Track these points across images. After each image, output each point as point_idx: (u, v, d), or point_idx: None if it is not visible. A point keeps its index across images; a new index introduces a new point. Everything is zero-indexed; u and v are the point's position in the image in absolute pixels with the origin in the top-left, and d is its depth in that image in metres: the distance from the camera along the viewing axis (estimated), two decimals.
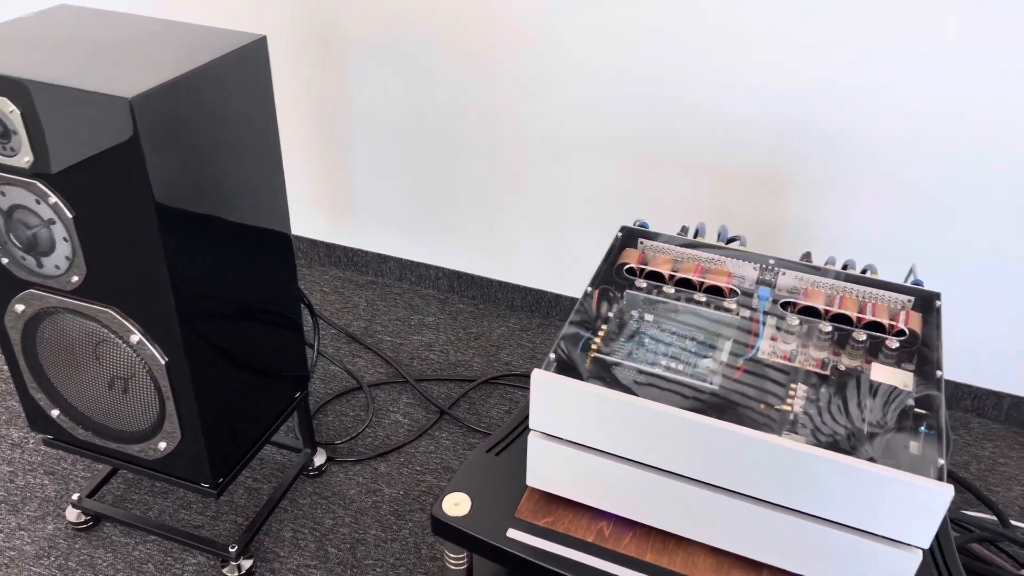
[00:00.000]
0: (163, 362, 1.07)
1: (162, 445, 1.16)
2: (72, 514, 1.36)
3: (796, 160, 1.51)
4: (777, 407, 0.85)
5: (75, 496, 1.37)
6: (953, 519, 1.40)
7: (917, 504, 0.74)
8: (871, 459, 0.77)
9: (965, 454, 1.59)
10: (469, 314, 1.91)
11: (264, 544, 1.36)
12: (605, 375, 0.87)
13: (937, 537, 0.90)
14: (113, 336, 1.08)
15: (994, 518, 1.45)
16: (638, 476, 0.86)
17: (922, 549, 0.77)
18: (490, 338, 1.84)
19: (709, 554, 0.88)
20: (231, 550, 1.29)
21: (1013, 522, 1.46)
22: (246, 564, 1.30)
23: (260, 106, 1.11)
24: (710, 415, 0.81)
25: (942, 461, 0.76)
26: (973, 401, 1.67)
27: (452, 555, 0.95)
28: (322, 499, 1.44)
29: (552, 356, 0.88)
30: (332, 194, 1.93)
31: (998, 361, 1.61)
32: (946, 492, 0.72)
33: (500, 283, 1.91)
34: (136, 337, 1.07)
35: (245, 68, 1.06)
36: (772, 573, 0.86)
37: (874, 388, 0.87)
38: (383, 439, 1.57)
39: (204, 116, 1.01)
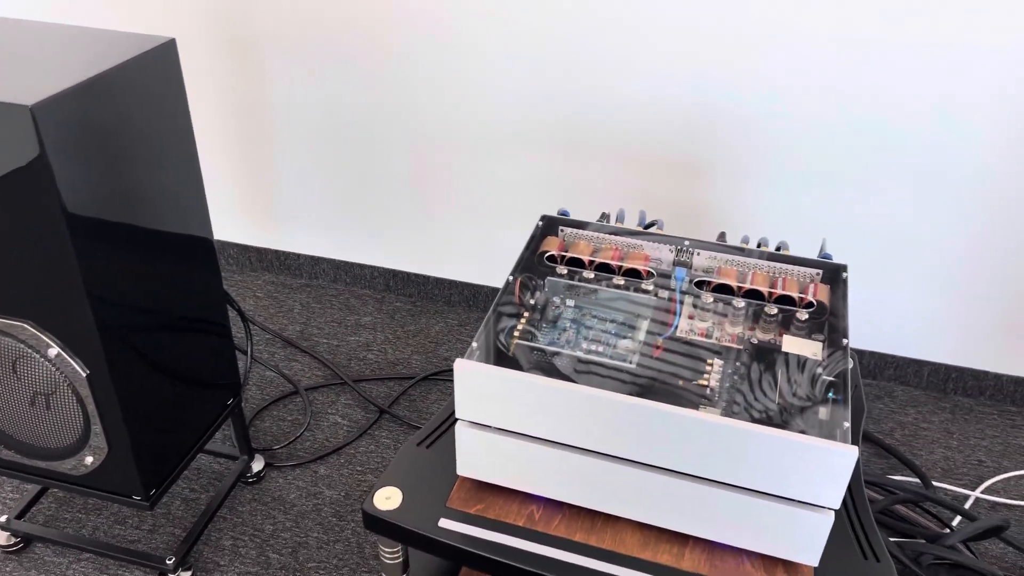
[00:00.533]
0: (84, 375, 1.05)
1: (89, 460, 1.14)
2: (1, 537, 1.33)
3: (710, 145, 1.55)
4: (695, 382, 0.88)
5: (2, 518, 1.33)
6: (880, 483, 1.46)
7: (826, 466, 0.77)
8: (783, 427, 0.80)
9: (890, 421, 1.66)
10: (407, 312, 1.92)
11: (204, 554, 1.34)
12: (528, 361, 0.88)
13: (852, 499, 0.94)
14: (30, 351, 1.06)
15: (918, 481, 1.51)
16: (564, 458, 0.87)
17: (833, 509, 0.80)
18: (428, 335, 1.85)
19: (636, 530, 0.90)
20: (168, 562, 1.27)
21: (935, 483, 1.52)
22: (185, 575, 1.29)
23: (173, 110, 1.10)
24: (630, 394, 0.83)
25: (847, 424, 0.79)
26: (896, 370, 1.73)
27: (386, 549, 0.95)
28: (262, 505, 1.43)
29: (475, 345, 0.89)
30: (259, 198, 1.91)
31: (917, 331, 1.67)
32: (851, 453, 0.76)
33: (436, 279, 1.91)
34: (54, 351, 1.04)
35: (155, 71, 1.05)
36: (696, 544, 0.88)
37: (786, 359, 0.90)
38: (322, 442, 1.56)
39: (114, 122, 0.99)
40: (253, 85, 1.76)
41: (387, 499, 0.92)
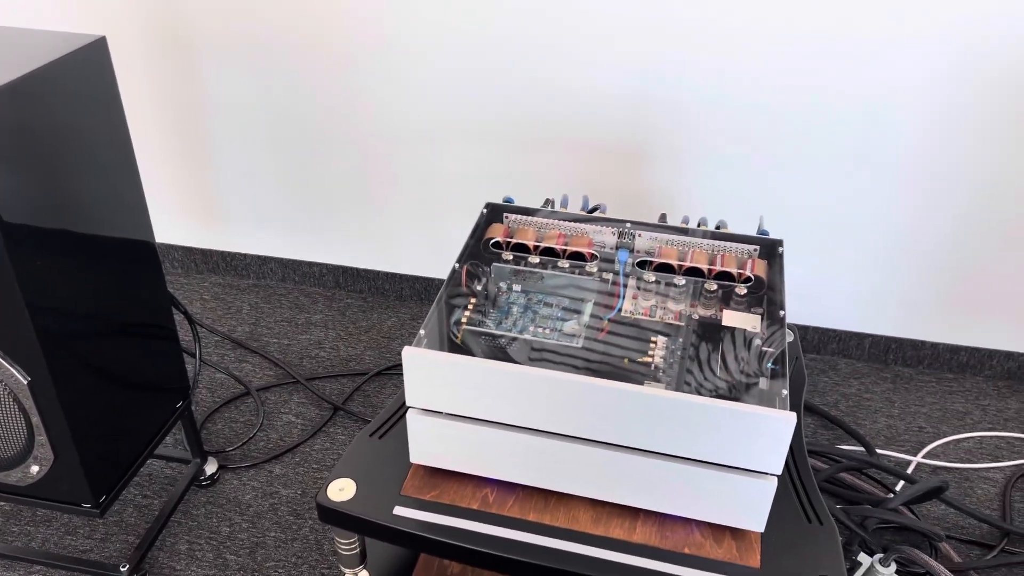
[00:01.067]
0: (25, 382, 1.03)
1: (35, 469, 1.12)
2: None
3: (651, 130, 1.58)
4: (640, 359, 0.89)
5: None
6: (826, 453, 1.50)
7: (766, 434, 0.80)
8: (724, 398, 0.83)
9: (834, 393, 1.71)
10: (358, 308, 1.91)
11: (159, 560, 1.33)
12: (476, 346, 0.89)
13: (796, 466, 0.97)
14: None
15: (863, 449, 1.56)
16: (515, 440, 0.89)
17: (776, 476, 0.82)
18: (381, 330, 1.85)
19: (589, 507, 0.92)
20: (122, 570, 1.25)
21: (879, 450, 1.57)
22: None
23: (107, 110, 1.08)
24: (577, 373, 0.85)
25: (786, 392, 0.82)
26: (839, 344, 1.78)
27: (342, 540, 0.96)
28: (217, 508, 1.42)
29: (422, 333, 0.89)
30: (202, 199, 1.89)
31: (858, 305, 1.72)
32: (789, 420, 0.78)
33: (387, 274, 1.91)
34: None
35: (85, 71, 1.03)
36: (647, 516, 0.90)
37: (726, 333, 0.93)
38: (276, 441, 1.55)
39: (44, 124, 0.97)
40: (190, 84, 1.73)
41: (341, 490, 0.93)
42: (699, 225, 1.12)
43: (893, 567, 1.21)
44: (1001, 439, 1.60)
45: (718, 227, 1.11)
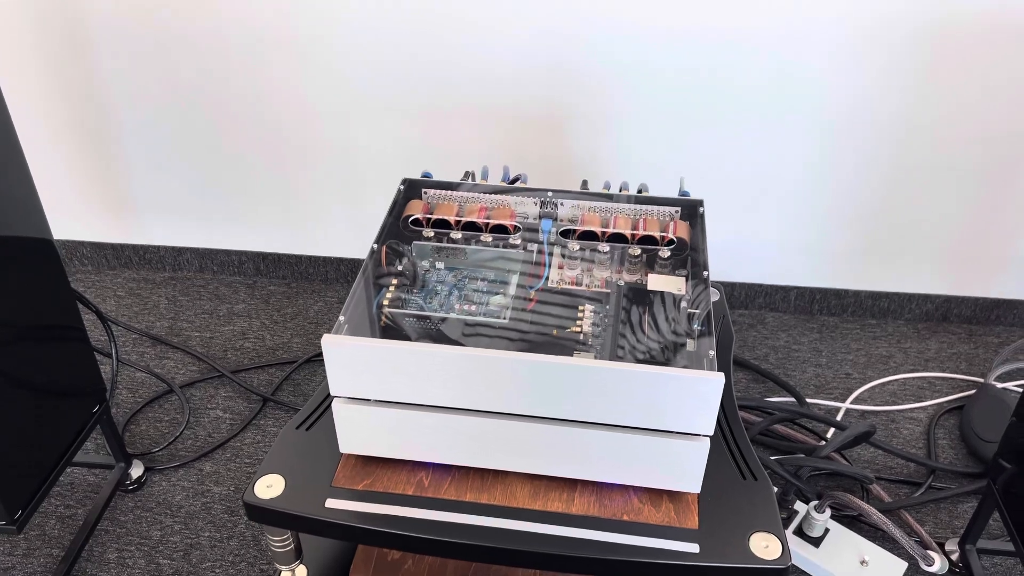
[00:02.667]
0: None
1: None
2: None
3: (569, 97, 1.56)
4: (568, 330, 0.88)
5: None
6: (758, 406, 1.53)
7: (696, 395, 0.79)
8: (653, 362, 0.82)
9: (763, 347, 1.73)
10: (282, 295, 1.85)
11: (87, 571, 1.27)
12: (400, 328, 0.87)
13: (728, 423, 0.97)
14: None
15: (794, 400, 1.59)
16: (446, 421, 0.86)
17: (708, 436, 0.82)
18: (307, 315, 1.80)
19: (526, 482, 0.90)
20: None
21: (809, 400, 1.61)
22: None
23: None
24: (504, 348, 0.83)
25: (713, 352, 0.82)
26: (765, 298, 1.81)
27: (274, 538, 0.93)
28: (146, 512, 1.36)
29: (342, 319, 0.86)
30: (107, 191, 1.79)
31: (781, 259, 1.75)
32: (718, 380, 0.78)
33: (309, 258, 1.86)
34: None
35: None
36: (585, 487, 0.90)
37: (652, 297, 0.92)
38: (204, 438, 1.50)
39: None
40: (84, 72, 1.63)
41: (268, 487, 0.89)
42: (621, 190, 1.11)
43: (828, 512, 1.25)
44: (923, 379, 1.65)
45: (640, 191, 1.10)
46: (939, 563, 1.20)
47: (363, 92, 1.60)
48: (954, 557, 1.30)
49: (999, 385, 1.61)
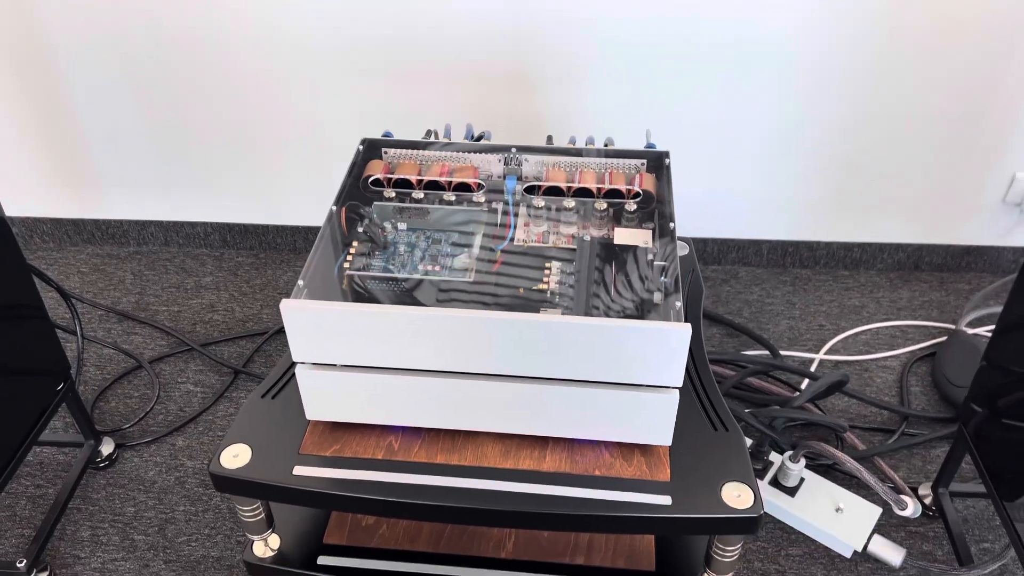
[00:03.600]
0: None
1: None
2: None
3: (533, 54, 1.53)
4: (535, 287, 0.87)
5: None
6: (733, 360, 1.53)
7: (663, 347, 0.78)
8: (621, 316, 0.81)
9: (737, 301, 1.73)
10: (250, 265, 1.82)
11: (60, 550, 1.25)
12: (362, 290, 0.85)
13: (699, 376, 0.97)
14: None
15: (768, 353, 1.59)
16: (414, 383, 0.85)
17: (677, 388, 0.82)
18: (277, 286, 1.77)
19: (497, 442, 0.90)
20: (19, 566, 1.18)
21: (783, 352, 1.61)
22: None
23: None
24: (470, 308, 0.82)
25: (680, 304, 0.81)
26: (738, 253, 1.80)
27: (244, 508, 0.91)
28: (118, 488, 1.34)
29: (301, 283, 0.84)
30: (65, 165, 1.75)
31: (752, 213, 1.74)
32: (684, 332, 0.77)
33: (277, 227, 1.82)
34: None
35: None
36: (555, 444, 0.89)
37: (619, 251, 0.90)
38: (176, 413, 1.48)
39: None
40: (33, 37, 1.57)
41: (235, 457, 0.88)
42: (586, 144, 1.09)
43: (803, 462, 1.25)
44: (895, 328, 1.66)
45: (606, 145, 1.08)
46: (912, 507, 1.21)
47: (323, 55, 1.56)
48: (927, 501, 1.32)
49: (970, 331, 1.62)
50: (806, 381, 1.53)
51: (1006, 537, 1.28)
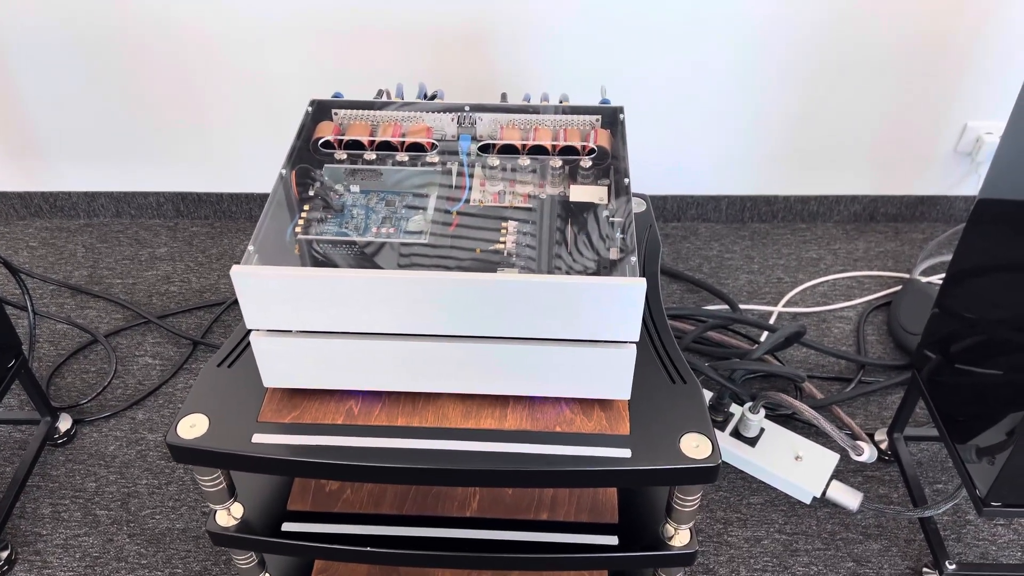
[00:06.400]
0: None
1: None
2: None
3: (485, 10, 1.50)
4: (492, 247, 0.86)
5: None
6: (694, 315, 1.54)
7: (619, 302, 0.78)
8: (577, 273, 0.81)
9: (697, 257, 1.74)
10: (205, 235, 1.79)
11: (21, 528, 1.24)
12: (316, 254, 0.83)
13: (657, 330, 0.97)
14: None
15: (727, 307, 1.61)
16: (372, 346, 0.84)
17: (634, 343, 0.82)
18: (233, 255, 1.74)
19: (458, 403, 0.90)
20: None
21: (742, 306, 1.63)
22: (3, 554, 1.18)
23: None
24: (426, 269, 0.81)
25: (635, 259, 0.81)
26: (697, 209, 1.81)
27: (203, 477, 0.90)
28: (78, 464, 1.33)
29: (251, 248, 0.83)
30: (10, 138, 1.69)
31: (710, 170, 1.75)
32: (639, 286, 0.77)
33: (232, 195, 1.79)
34: None
35: None
36: (516, 402, 0.89)
37: (574, 208, 0.90)
38: (135, 387, 1.46)
39: None
40: None
41: (192, 427, 0.86)
42: (541, 102, 1.07)
43: (762, 412, 1.27)
44: (852, 279, 1.69)
45: (561, 102, 1.07)
46: (868, 452, 1.24)
47: (269, 15, 1.52)
48: (883, 446, 1.35)
49: (923, 279, 1.65)
50: (765, 333, 1.55)
51: (958, 478, 1.32)
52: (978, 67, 1.58)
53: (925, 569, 1.19)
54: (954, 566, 1.16)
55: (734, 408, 1.34)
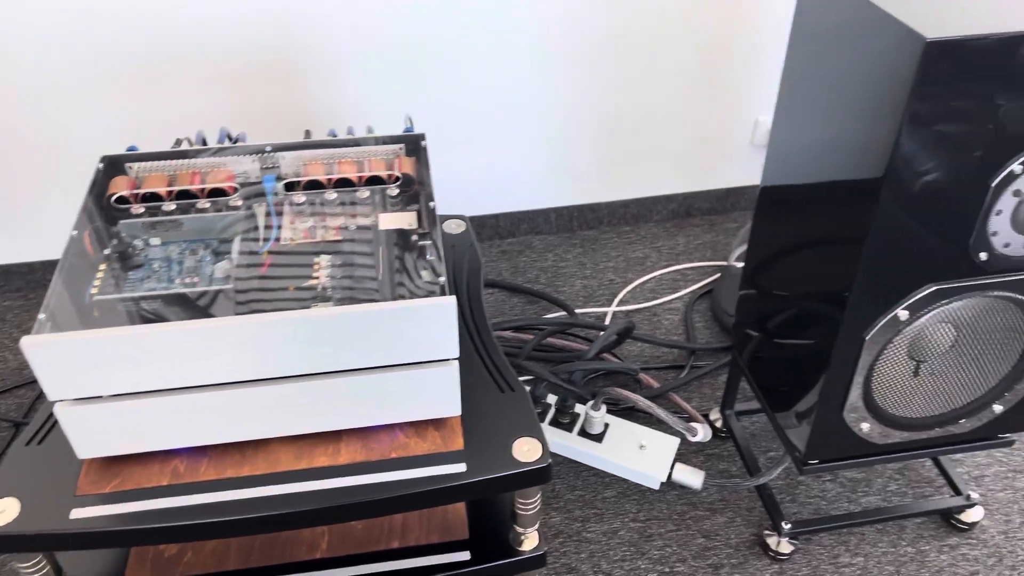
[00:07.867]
0: None
1: None
2: None
3: (283, 49, 1.50)
4: (305, 284, 0.86)
5: None
6: (534, 325, 1.59)
7: (433, 322, 0.80)
8: (391, 299, 0.82)
9: (534, 269, 1.80)
10: (20, 308, 1.67)
11: None
12: (116, 314, 0.80)
13: (483, 343, 1.00)
14: None
15: (565, 312, 1.67)
16: (189, 400, 0.82)
17: (455, 359, 0.84)
18: None
19: (288, 444, 0.88)
20: None
21: (579, 310, 1.69)
22: None
23: None
24: (237, 314, 0.80)
25: (443, 279, 0.83)
26: (529, 223, 1.87)
27: (23, 565, 0.85)
28: None
29: (42, 316, 0.79)
30: None
31: (535, 184, 1.81)
32: (449, 303, 0.79)
33: (43, 263, 1.68)
34: None
35: None
36: (349, 436, 0.89)
37: (386, 236, 0.91)
38: None
39: None
40: None
41: (2, 512, 0.81)
42: (347, 135, 1.09)
43: (603, 408, 1.33)
44: (676, 272, 1.79)
45: (369, 133, 1.09)
46: (702, 432, 1.32)
47: (55, 68, 1.45)
48: (719, 424, 1.44)
49: (739, 265, 1.77)
50: (602, 334, 1.62)
51: None
52: (760, 66, 1.73)
53: (766, 532, 1.27)
54: (789, 525, 1.25)
55: (579, 408, 1.39)
